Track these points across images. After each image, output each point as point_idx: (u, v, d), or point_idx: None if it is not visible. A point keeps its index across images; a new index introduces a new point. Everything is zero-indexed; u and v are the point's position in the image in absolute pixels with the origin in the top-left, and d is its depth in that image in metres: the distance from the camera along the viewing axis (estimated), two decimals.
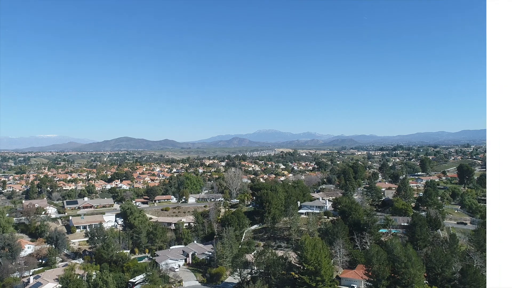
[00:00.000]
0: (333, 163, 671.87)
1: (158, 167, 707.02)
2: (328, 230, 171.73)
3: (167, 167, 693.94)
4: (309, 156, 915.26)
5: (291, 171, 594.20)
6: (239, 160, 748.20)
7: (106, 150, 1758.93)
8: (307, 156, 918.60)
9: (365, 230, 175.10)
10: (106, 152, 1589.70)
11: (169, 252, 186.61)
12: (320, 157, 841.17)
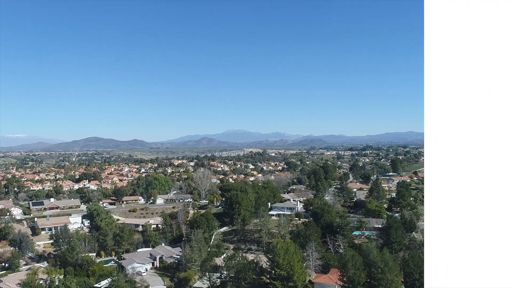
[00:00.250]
0: (302, 163, 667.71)
1: (126, 167, 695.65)
2: (300, 232, 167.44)
3: (136, 167, 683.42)
4: (279, 156, 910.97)
5: (261, 171, 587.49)
6: (208, 160, 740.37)
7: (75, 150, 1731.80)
8: (276, 156, 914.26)
9: (338, 232, 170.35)
10: (74, 152, 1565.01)
11: (136, 255, 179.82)
12: (290, 157, 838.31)
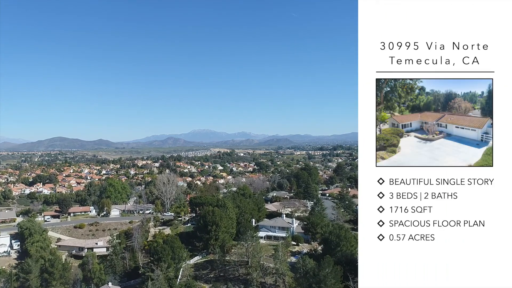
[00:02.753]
0: (273, 163, 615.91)
1: (87, 168, 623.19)
2: (309, 272, 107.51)
3: (97, 169, 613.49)
4: (247, 156, 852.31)
5: (230, 173, 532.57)
6: (174, 160, 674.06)
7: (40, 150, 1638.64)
8: (245, 156, 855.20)
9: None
10: (38, 152, 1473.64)
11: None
12: (259, 157, 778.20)
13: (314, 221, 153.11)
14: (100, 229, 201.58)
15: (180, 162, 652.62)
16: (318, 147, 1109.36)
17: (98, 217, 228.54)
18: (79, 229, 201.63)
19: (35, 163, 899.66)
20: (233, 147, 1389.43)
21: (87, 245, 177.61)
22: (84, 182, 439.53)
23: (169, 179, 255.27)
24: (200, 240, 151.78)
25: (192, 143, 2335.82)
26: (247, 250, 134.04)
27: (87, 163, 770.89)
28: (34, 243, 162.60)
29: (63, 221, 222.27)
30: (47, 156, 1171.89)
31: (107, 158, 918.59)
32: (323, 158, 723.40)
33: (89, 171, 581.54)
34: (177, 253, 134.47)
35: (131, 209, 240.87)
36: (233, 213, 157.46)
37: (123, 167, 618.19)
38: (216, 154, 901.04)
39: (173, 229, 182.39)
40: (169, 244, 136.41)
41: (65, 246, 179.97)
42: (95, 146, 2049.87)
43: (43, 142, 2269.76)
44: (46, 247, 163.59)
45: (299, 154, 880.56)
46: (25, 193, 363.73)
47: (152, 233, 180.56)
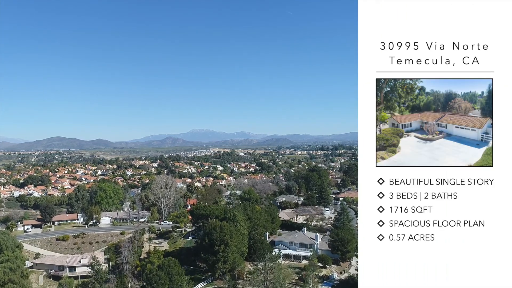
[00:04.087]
0: (275, 163, 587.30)
1: (82, 169, 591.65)
2: None
3: (93, 169, 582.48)
4: (248, 156, 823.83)
5: (231, 174, 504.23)
6: (173, 160, 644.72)
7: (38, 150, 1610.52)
8: (245, 156, 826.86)
9: None
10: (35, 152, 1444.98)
11: None
12: (260, 157, 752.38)
13: (344, 237, 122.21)
14: (86, 241, 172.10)
15: (179, 163, 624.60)
16: (319, 147, 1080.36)
17: (85, 226, 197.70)
18: (62, 242, 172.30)
19: (31, 163, 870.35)
20: (232, 147, 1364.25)
21: (69, 263, 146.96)
22: (78, 183, 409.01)
23: (166, 183, 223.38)
24: (205, 262, 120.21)
25: (191, 143, 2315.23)
26: (266, 279, 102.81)
27: (83, 163, 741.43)
28: (2, 263, 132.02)
29: (45, 231, 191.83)
30: (44, 156, 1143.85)
31: (105, 158, 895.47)
32: (325, 158, 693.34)
33: (84, 172, 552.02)
34: (176, 281, 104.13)
35: (124, 217, 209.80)
36: (244, 227, 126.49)
37: (120, 168, 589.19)
38: (216, 154, 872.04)
39: (171, 244, 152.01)
40: (166, 270, 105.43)
41: (42, 265, 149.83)
42: (94, 146, 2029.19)
43: (41, 142, 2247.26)
44: (16, 268, 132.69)
45: (300, 154, 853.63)
46: (14, 195, 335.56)
47: (146, 249, 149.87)
